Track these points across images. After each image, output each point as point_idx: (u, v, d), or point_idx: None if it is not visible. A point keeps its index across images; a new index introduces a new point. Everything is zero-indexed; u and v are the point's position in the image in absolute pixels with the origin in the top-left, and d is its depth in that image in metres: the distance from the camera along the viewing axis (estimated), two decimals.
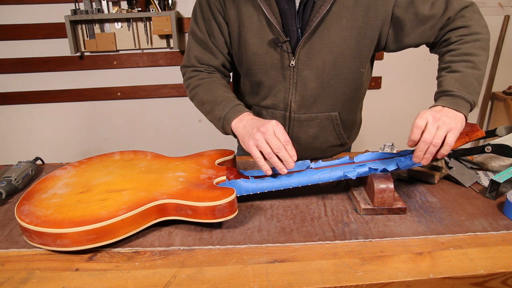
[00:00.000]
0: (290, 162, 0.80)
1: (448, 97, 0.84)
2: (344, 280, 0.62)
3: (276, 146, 0.80)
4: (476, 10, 0.94)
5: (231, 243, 0.72)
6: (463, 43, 0.90)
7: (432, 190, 0.90)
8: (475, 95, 0.85)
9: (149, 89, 2.46)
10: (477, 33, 0.90)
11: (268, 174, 0.83)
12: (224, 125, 0.93)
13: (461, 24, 0.92)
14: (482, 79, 0.88)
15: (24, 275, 0.64)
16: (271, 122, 0.83)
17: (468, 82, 0.85)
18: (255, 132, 0.82)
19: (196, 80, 1.03)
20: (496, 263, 0.65)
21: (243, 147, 0.87)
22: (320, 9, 0.92)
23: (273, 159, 0.80)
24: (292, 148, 0.81)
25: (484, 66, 0.89)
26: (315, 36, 0.95)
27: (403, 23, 0.94)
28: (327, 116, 1.06)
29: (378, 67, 2.51)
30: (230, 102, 0.94)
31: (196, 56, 1.04)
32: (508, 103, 2.53)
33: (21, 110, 2.46)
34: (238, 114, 0.91)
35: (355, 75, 1.01)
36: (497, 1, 2.46)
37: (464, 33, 0.91)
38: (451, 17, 0.92)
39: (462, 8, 0.92)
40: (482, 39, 0.91)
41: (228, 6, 0.98)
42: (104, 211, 0.69)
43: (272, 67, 1.00)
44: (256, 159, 0.82)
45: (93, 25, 2.26)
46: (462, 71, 0.87)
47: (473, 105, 0.85)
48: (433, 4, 0.92)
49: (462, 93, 0.83)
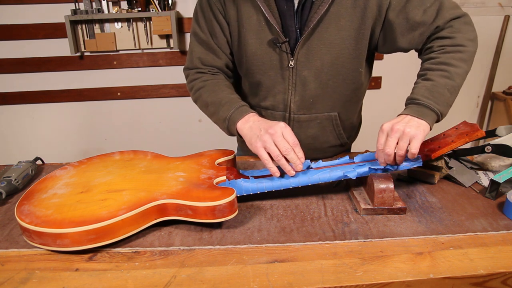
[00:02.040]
0: (298, 164, 0.81)
1: (415, 105, 0.85)
2: (344, 280, 0.62)
3: (285, 148, 0.80)
4: (467, 21, 0.93)
5: (231, 243, 0.72)
6: (444, 53, 0.90)
7: (432, 190, 0.90)
8: (444, 105, 0.85)
9: (149, 89, 2.46)
10: (460, 45, 0.90)
11: (277, 176, 0.83)
12: (229, 126, 0.93)
13: (447, 34, 0.91)
14: (456, 89, 0.88)
15: (24, 275, 0.64)
16: (280, 124, 0.82)
17: (438, 92, 0.85)
18: (263, 133, 0.82)
19: (200, 82, 1.03)
20: (496, 263, 0.65)
21: (249, 148, 0.87)
22: (318, 9, 0.92)
23: (282, 161, 0.80)
24: (300, 150, 0.82)
25: (461, 78, 0.89)
26: (314, 37, 0.95)
27: (393, 26, 0.94)
28: (327, 117, 1.06)
29: (378, 67, 2.51)
30: (235, 103, 0.94)
31: (199, 57, 1.04)
32: (508, 103, 2.53)
33: (21, 110, 2.46)
34: (244, 115, 0.91)
35: (354, 75, 1.01)
36: (497, 1, 2.46)
37: (447, 43, 0.91)
38: (440, 26, 0.92)
39: (453, 19, 0.92)
40: (465, 51, 0.90)
41: (228, 6, 0.98)
42: (104, 211, 0.69)
43: (271, 68, 1.00)
44: (264, 161, 0.81)
45: (93, 25, 2.26)
46: (435, 80, 0.87)
47: (440, 115, 0.85)
48: (425, 11, 0.92)
49: (428, 102, 0.84)
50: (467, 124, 0.91)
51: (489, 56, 2.57)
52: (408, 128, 0.79)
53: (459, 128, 0.91)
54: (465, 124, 0.91)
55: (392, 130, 0.80)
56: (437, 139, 0.91)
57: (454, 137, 0.88)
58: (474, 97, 2.70)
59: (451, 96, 0.87)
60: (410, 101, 0.87)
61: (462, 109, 2.70)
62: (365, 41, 0.97)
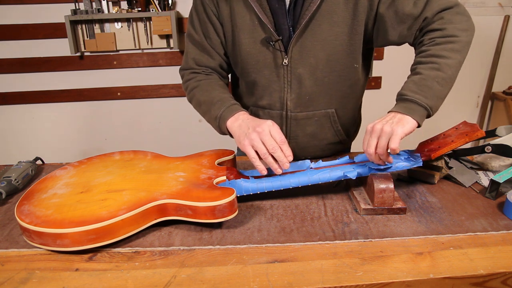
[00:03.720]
0: (285, 163, 0.81)
1: (402, 102, 0.85)
2: (344, 280, 0.62)
3: (271, 146, 0.80)
4: (460, 11, 0.90)
5: (231, 243, 0.72)
6: (434, 45, 0.88)
7: (432, 190, 0.90)
8: (433, 99, 0.83)
9: (149, 89, 2.46)
10: (452, 35, 0.87)
11: (263, 174, 0.83)
12: (220, 124, 0.94)
13: (437, 26, 0.89)
14: (447, 81, 0.85)
15: (24, 275, 0.64)
16: (267, 122, 0.83)
17: (426, 85, 0.84)
18: (250, 132, 0.83)
19: (194, 82, 1.04)
20: (496, 263, 0.65)
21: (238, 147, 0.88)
22: (309, 6, 0.92)
23: (268, 160, 0.81)
24: (288, 149, 0.82)
25: (452, 69, 0.86)
26: (307, 34, 0.95)
27: (384, 19, 0.93)
28: (324, 114, 1.06)
29: (378, 67, 2.51)
30: (226, 101, 0.95)
31: (194, 58, 1.05)
32: (508, 103, 2.53)
33: (21, 110, 2.46)
34: (233, 113, 0.91)
35: (349, 71, 1.01)
36: (497, 1, 2.46)
37: (438, 35, 0.89)
38: (428, 17, 0.90)
39: (443, 10, 0.90)
40: (457, 41, 0.87)
41: (222, 7, 0.99)
42: (104, 211, 0.69)
43: (265, 66, 1.01)
44: (251, 159, 0.82)
45: (93, 25, 2.26)
46: (423, 73, 0.85)
47: (430, 109, 0.83)
48: (415, 3, 0.90)
49: (415, 97, 0.83)
50: (467, 124, 0.91)
51: (489, 56, 2.57)
52: (386, 126, 0.79)
53: (459, 128, 0.91)
54: (465, 124, 0.91)
55: (372, 130, 0.81)
56: (437, 139, 0.91)
57: (454, 137, 0.88)
58: (474, 97, 2.70)
59: (443, 89, 0.85)
60: (399, 97, 0.86)
61: (462, 109, 2.70)
62: (359, 37, 0.96)
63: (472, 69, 2.58)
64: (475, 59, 2.55)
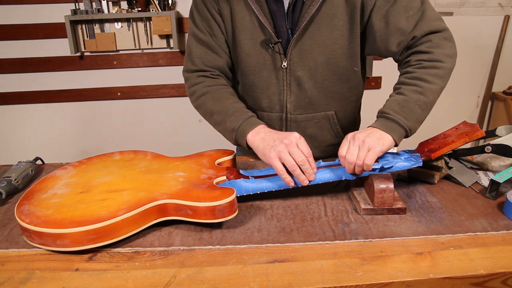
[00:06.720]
0: (311, 174, 0.82)
1: (383, 119, 0.86)
2: (344, 280, 0.62)
3: (300, 159, 0.80)
4: (447, 36, 0.91)
5: (231, 243, 0.72)
6: (420, 68, 0.89)
7: (432, 190, 0.90)
8: (413, 121, 0.86)
9: (149, 89, 2.46)
10: (438, 60, 0.89)
11: (291, 185, 0.82)
12: (237, 137, 0.93)
13: (425, 49, 0.90)
14: (428, 106, 0.87)
15: (24, 275, 0.64)
16: (294, 134, 0.83)
17: (409, 107, 0.85)
18: (277, 143, 0.82)
19: (202, 88, 1.01)
20: (496, 263, 0.65)
21: (261, 159, 0.87)
22: (309, 9, 0.91)
23: (297, 171, 0.80)
24: (313, 161, 0.83)
25: (434, 94, 0.88)
26: (306, 37, 0.95)
27: (374, 29, 0.93)
28: (324, 116, 1.06)
29: (378, 67, 2.50)
30: (243, 113, 0.94)
31: (201, 57, 1.02)
32: (508, 103, 2.53)
33: (21, 110, 2.46)
34: (254, 127, 0.90)
35: (349, 74, 1.01)
36: (497, 1, 2.46)
37: (424, 58, 0.90)
38: (417, 36, 0.90)
39: (432, 32, 0.90)
40: (442, 67, 0.89)
41: (222, 6, 0.98)
42: (104, 211, 0.69)
43: (264, 68, 1.00)
44: (278, 172, 0.81)
45: (93, 25, 2.26)
46: (407, 95, 0.87)
47: (409, 131, 0.85)
48: (407, 18, 0.90)
49: (397, 117, 0.84)
50: (467, 124, 0.91)
51: (489, 56, 2.57)
52: (368, 138, 0.80)
53: (459, 128, 0.91)
54: (465, 124, 0.91)
55: (353, 138, 0.81)
56: (437, 139, 0.91)
57: (454, 137, 0.88)
58: (474, 97, 2.70)
59: (422, 113, 0.87)
60: (380, 114, 0.88)
61: (462, 109, 2.70)
62: (357, 40, 0.96)
63: (472, 69, 2.58)
64: (475, 59, 2.55)
